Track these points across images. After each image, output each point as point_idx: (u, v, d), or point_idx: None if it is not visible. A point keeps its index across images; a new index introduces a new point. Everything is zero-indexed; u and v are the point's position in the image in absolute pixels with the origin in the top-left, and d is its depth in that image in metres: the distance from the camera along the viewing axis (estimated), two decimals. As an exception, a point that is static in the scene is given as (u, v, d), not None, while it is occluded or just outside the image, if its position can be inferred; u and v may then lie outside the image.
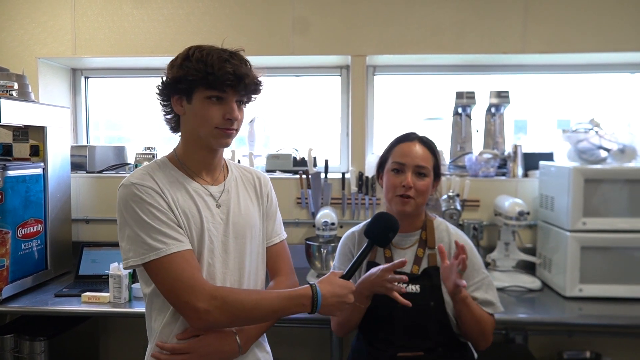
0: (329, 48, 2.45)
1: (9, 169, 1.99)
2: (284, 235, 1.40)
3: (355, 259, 1.31)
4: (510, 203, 2.15)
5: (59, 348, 2.10)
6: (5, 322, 2.26)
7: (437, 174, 1.49)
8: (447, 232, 1.51)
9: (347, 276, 1.25)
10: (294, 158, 2.62)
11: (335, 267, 1.58)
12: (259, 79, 1.21)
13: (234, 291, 1.17)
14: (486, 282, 1.46)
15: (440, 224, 1.53)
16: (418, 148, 1.45)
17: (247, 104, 1.25)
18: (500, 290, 2.06)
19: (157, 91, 1.23)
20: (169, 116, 1.25)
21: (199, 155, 1.23)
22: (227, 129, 1.17)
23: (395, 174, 1.45)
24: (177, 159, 1.24)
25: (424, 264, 1.45)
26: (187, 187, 1.21)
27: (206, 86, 1.13)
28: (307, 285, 1.19)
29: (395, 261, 1.35)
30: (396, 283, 1.32)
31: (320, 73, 2.77)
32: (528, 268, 2.28)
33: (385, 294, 1.32)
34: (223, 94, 1.15)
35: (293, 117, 2.88)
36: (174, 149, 1.28)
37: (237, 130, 1.21)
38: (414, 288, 1.42)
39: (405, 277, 1.34)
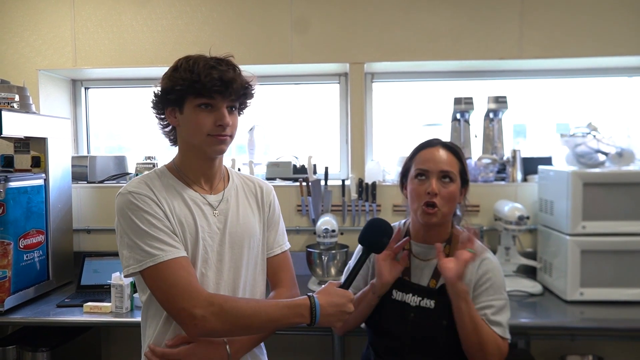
0: (328, 56, 2.47)
1: (11, 180, 2.00)
2: (286, 245, 1.38)
3: (352, 268, 1.28)
4: (510, 208, 2.16)
5: (62, 359, 2.10)
6: (7, 334, 2.26)
7: (465, 180, 1.39)
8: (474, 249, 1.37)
9: (346, 285, 1.23)
10: (294, 165, 2.63)
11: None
12: (249, 83, 1.21)
13: (231, 298, 1.17)
14: (502, 304, 1.33)
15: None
16: (442, 153, 1.36)
17: (242, 110, 1.26)
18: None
19: (152, 105, 1.24)
20: (166, 129, 1.26)
21: (197, 164, 1.23)
22: (219, 136, 1.17)
23: (419, 181, 1.35)
24: (176, 168, 1.25)
25: (442, 280, 1.34)
26: (184, 195, 1.21)
27: (195, 94, 1.14)
28: (305, 296, 1.17)
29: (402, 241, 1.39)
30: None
31: (319, 81, 2.79)
32: (529, 272, 2.28)
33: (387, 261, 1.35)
34: (212, 100, 1.15)
35: (293, 124, 2.89)
36: (173, 159, 1.28)
37: (231, 136, 1.20)
38: (429, 303, 1.34)
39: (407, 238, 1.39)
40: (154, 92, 1.22)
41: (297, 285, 1.37)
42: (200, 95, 1.14)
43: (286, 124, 2.89)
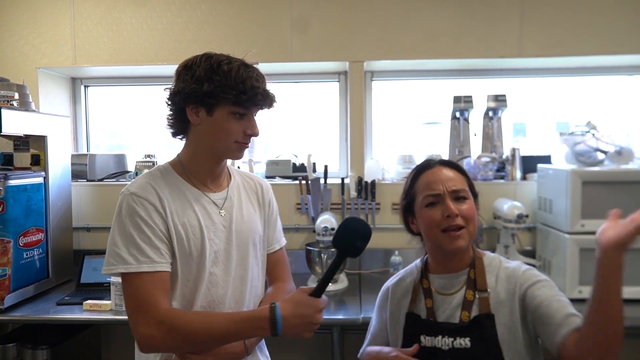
0: (327, 54, 2.47)
1: (10, 178, 2.00)
2: (283, 242, 1.41)
3: (324, 274, 1.12)
4: (509, 206, 2.16)
5: (62, 356, 2.11)
6: (7, 331, 2.26)
7: (475, 194, 1.26)
8: (501, 270, 1.21)
9: (317, 293, 1.10)
10: (294, 164, 2.63)
11: (371, 325, 1.39)
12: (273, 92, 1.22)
13: (186, 315, 1.12)
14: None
15: (493, 260, 1.25)
16: (446, 172, 1.22)
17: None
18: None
19: (168, 97, 1.21)
20: (178, 122, 1.22)
21: (207, 164, 1.23)
22: (245, 143, 1.20)
23: (431, 208, 1.19)
24: (181, 166, 1.23)
25: (475, 311, 1.16)
26: (188, 196, 1.20)
27: (234, 104, 1.13)
28: (268, 306, 1.09)
29: (412, 348, 1.18)
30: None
31: (319, 79, 2.79)
32: (528, 271, 2.28)
33: None
34: (247, 110, 1.17)
35: (292, 123, 2.89)
36: (178, 155, 1.26)
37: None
38: (463, 342, 1.14)
39: None
40: (175, 86, 1.18)
41: (292, 280, 1.39)
42: (240, 105, 1.14)
43: (286, 122, 2.89)
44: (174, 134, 1.25)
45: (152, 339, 1.07)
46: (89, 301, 1.96)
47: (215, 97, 1.12)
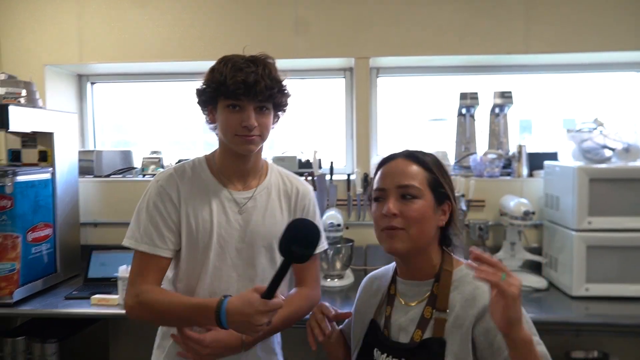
0: (333, 51, 2.47)
1: (19, 174, 2.02)
2: (320, 248, 1.32)
3: (272, 277, 1.05)
4: (515, 203, 2.16)
5: (70, 350, 2.13)
6: (16, 325, 2.28)
7: (442, 194, 1.07)
8: (470, 289, 1.02)
9: (267, 295, 1.05)
10: (299, 160, 2.63)
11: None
12: (279, 83, 1.23)
13: (159, 293, 1.20)
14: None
15: (465, 275, 1.06)
16: (401, 164, 1.08)
17: (280, 109, 1.28)
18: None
19: (197, 102, 1.28)
20: (211, 125, 1.28)
21: (230, 161, 1.27)
22: (246, 136, 1.19)
23: (377, 203, 1.09)
24: (213, 162, 1.30)
25: (429, 332, 1.02)
26: (209, 191, 1.26)
27: (224, 96, 1.18)
28: (219, 297, 1.10)
29: (331, 311, 1.17)
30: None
31: (324, 75, 2.79)
32: (534, 268, 2.28)
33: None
34: (239, 102, 1.18)
35: (298, 119, 2.89)
36: (214, 151, 1.32)
37: (260, 136, 1.22)
38: None
39: (328, 330, 1.16)
40: (197, 90, 1.26)
41: (320, 284, 1.38)
42: (228, 97, 1.18)
43: (292, 118, 2.89)
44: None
45: (130, 308, 1.21)
46: (97, 295, 1.98)
47: (208, 93, 1.21)
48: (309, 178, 2.47)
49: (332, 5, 2.45)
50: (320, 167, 2.57)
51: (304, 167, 2.59)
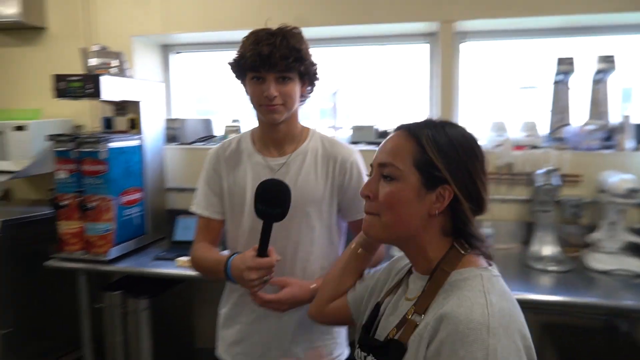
0: (414, 14, 2.34)
1: (111, 141, 2.14)
2: None
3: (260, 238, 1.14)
4: (617, 179, 1.96)
5: (160, 306, 2.27)
6: (112, 281, 2.48)
7: (434, 177, 0.86)
8: (457, 300, 0.81)
9: (260, 253, 1.16)
10: (376, 129, 2.57)
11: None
12: (297, 52, 1.21)
13: (198, 249, 1.38)
14: None
15: (467, 280, 0.85)
16: (392, 138, 0.94)
17: (307, 78, 1.28)
18: (603, 273, 1.92)
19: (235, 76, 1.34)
20: (248, 97, 1.33)
21: (262, 130, 1.35)
22: (269, 106, 1.24)
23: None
24: (256, 132, 1.39)
25: (401, 333, 0.87)
26: (245, 158, 1.36)
27: (247, 69, 1.25)
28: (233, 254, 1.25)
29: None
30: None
31: (404, 41, 2.66)
32: (636, 251, 2.07)
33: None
34: (259, 73, 1.23)
35: (378, 88, 2.80)
36: None
37: (284, 105, 1.25)
38: None
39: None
40: (228, 63, 1.33)
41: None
42: (249, 69, 1.25)
43: (371, 87, 2.81)
44: None
45: (189, 263, 1.48)
46: (182, 258, 2.09)
47: (235, 67, 1.29)
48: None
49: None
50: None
51: (382, 137, 2.52)
